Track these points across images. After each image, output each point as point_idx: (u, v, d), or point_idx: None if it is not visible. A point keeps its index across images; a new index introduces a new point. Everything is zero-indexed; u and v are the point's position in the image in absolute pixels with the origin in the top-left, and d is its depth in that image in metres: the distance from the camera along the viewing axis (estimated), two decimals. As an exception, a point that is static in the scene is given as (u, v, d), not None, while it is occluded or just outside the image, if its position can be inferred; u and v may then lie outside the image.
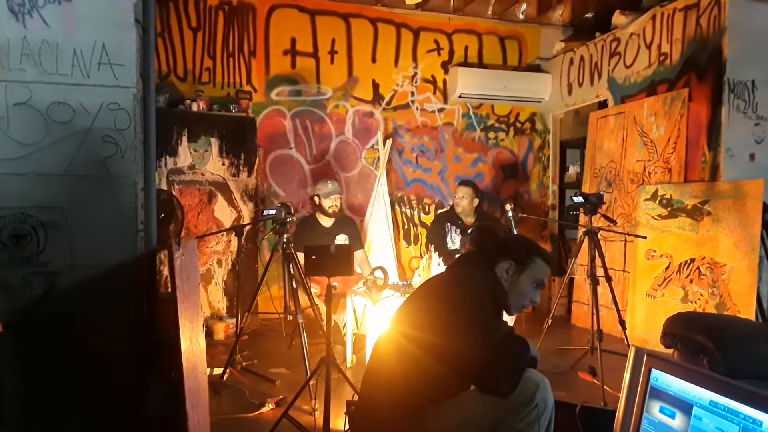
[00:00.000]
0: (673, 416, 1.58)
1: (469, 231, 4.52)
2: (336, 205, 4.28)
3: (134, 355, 2.00)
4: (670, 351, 2.23)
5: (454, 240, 4.60)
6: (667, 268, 4.15)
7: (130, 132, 1.91)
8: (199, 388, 1.97)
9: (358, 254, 4.23)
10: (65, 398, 1.95)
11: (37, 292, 1.89)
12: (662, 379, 1.65)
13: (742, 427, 1.39)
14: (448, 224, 4.63)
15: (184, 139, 4.60)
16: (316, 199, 4.32)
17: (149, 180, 1.99)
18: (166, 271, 2.76)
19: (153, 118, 1.99)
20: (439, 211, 5.30)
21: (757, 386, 1.46)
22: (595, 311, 3.47)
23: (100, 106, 1.89)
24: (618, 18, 4.98)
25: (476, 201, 4.60)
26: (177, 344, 1.68)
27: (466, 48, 5.78)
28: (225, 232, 4.57)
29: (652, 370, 1.68)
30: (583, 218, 4.36)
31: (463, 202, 4.57)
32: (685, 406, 1.55)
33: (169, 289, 1.78)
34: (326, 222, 4.34)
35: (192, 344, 1.84)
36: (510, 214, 4.23)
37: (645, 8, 4.72)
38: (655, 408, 1.65)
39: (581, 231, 4.00)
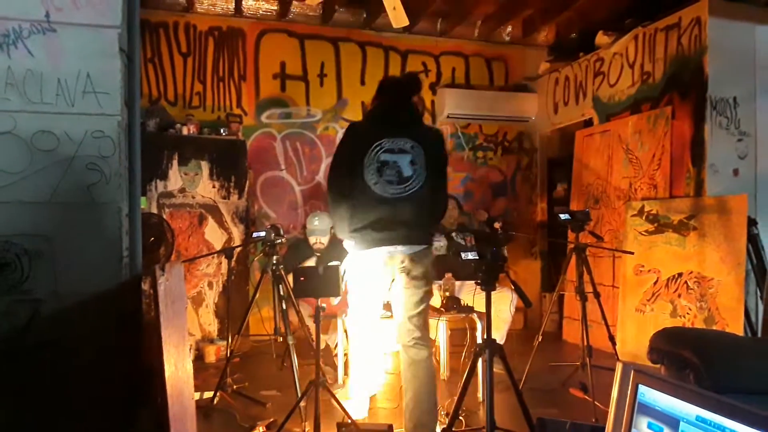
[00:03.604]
0: (659, 432, 1.58)
1: (452, 233, 4.57)
2: (322, 243, 4.15)
3: (121, 382, 1.98)
4: (658, 366, 2.23)
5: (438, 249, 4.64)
6: (655, 283, 4.17)
7: (114, 159, 1.91)
8: (186, 414, 1.95)
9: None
10: (51, 428, 1.92)
11: (21, 321, 1.87)
12: (649, 394, 1.65)
13: (727, 442, 1.39)
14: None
15: (175, 162, 4.61)
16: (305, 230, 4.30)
17: (134, 206, 1.99)
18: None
19: (138, 145, 1.99)
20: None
21: (742, 400, 1.47)
22: (584, 327, 3.47)
23: (84, 133, 1.89)
24: (601, 38, 5.07)
25: (456, 212, 4.69)
26: (161, 370, 1.66)
27: (453, 69, 5.86)
28: (215, 255, 4.55)
29: (639, 385, 1.68)
30: (570, 235, 4.39)
31: (454, 213, 4.63)
32: (672, 422, 1.55)
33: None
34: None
35: (177, 369, 1.83)
36: (499, 232, 4.25)
37: (627, 28, 4.82)
38: (643, 424, 1.65)
39: (569, 247, 4.02)
